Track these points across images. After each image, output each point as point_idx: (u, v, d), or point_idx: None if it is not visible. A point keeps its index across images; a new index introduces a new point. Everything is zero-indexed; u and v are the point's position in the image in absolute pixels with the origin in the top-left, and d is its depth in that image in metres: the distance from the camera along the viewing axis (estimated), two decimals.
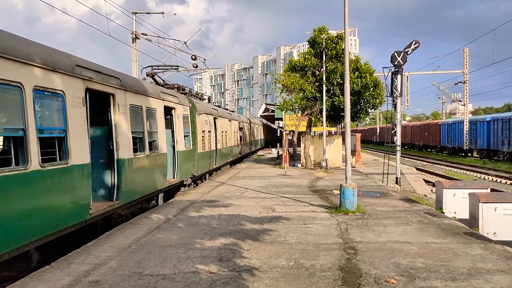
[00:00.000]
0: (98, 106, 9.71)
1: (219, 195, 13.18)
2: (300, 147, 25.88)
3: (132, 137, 10.25)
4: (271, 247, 7.03)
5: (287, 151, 24.09)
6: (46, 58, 7.02)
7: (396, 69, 16.17)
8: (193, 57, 24.75)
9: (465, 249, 6.83)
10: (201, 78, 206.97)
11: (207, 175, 19.21)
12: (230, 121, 25.20)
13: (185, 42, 23.52)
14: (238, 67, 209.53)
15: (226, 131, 23.34)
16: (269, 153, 40.17)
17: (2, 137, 6.34)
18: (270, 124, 57.50)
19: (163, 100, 12.84)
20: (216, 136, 20.37)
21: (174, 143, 13.77)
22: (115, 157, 9.40)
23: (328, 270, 5.84)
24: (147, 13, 25.43)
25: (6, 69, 5.95)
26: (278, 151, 32.81)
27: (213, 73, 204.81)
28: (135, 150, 10.34)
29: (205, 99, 21.68)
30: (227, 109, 31.43)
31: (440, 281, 5.40)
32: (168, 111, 13.48)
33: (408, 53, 16.17)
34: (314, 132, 36.02)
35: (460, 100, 46.61)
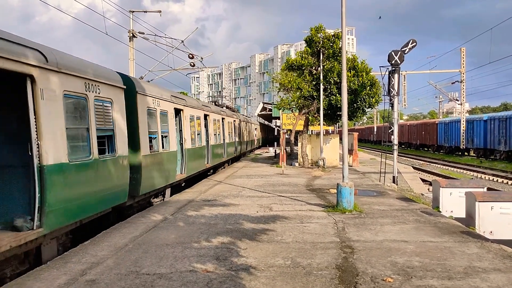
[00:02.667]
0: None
1: (216, 194, 13.17)
2: (297, 146, 25.89)
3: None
4: (268, 246, 7.03)
5: (284, 150, 24.10)
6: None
7: (393, 68, 16.15)
8: (190, 56, 24.63)
9: (461, 248, 6.85)
10: (198, 77, 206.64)
11: (241, 156, 32.10)
12: (251, 124, 39.24)
13: (183, 41, 23.35)
14: (236, 66, 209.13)
15: (249, 131, 36.88)
16: (266, 152, 40.20)
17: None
18: (267, 123, 57.54)
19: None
20: (245, 133, 33.13)
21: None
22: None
23: (325, 269, 5.85)
24: (144, 12, 25.36)
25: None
26: (275, 150, 32.82)
27: (210, 72, 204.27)
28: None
29: (238, 110, 38.01)
30: (248, 116, 47.04)
31: (437, 279, 5.41)
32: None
33: (405, 52, 16.15)
34: (311, 131, 36.03)
35: (457, 99, 46.72)
